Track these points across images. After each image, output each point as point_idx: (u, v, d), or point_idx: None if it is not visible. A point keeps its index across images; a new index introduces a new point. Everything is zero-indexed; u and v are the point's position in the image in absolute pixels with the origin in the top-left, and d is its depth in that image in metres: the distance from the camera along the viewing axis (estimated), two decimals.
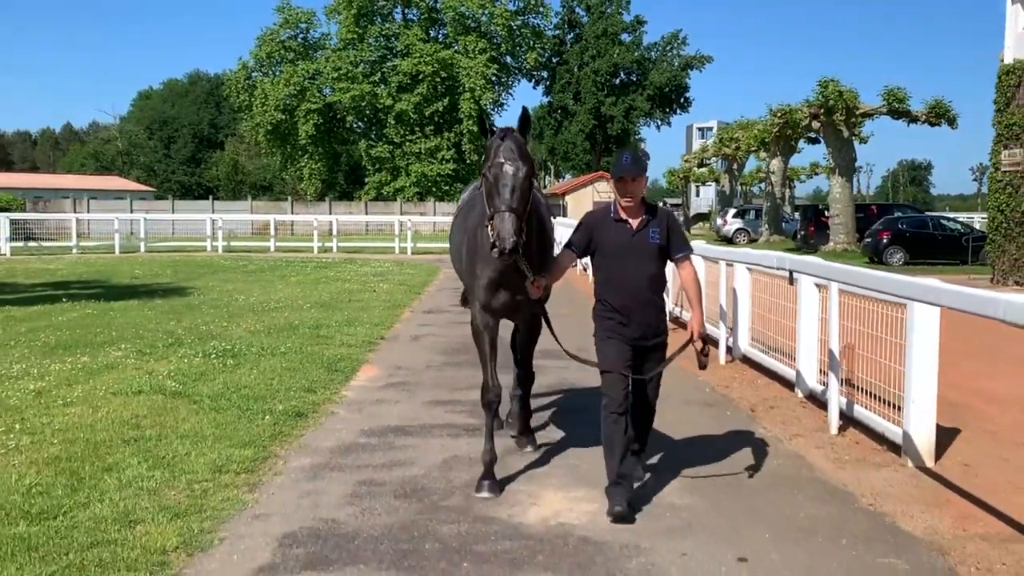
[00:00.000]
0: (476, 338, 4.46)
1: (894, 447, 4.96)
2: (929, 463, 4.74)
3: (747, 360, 7.67)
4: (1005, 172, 18.21)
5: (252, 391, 6.22)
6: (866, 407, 5.42)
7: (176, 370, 6.93)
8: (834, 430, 5.43)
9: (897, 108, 26.38)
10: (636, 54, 67.19)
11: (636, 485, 4.25)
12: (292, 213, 41.38)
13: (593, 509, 4.07)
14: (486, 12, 55.30)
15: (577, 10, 68.21)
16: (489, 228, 3.87)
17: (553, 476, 4.61)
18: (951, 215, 31.08)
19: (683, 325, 7.91)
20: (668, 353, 4.25)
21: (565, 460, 4.90)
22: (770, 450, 5.08)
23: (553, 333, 4.56)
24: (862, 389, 5.54)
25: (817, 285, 6.12)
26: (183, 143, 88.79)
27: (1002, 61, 18.47)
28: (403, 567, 3.37)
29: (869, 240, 24.27)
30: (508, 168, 3.86)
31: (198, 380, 6.57)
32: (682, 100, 69.87)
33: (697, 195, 71.29)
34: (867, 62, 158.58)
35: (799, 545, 3.66)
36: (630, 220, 4.09)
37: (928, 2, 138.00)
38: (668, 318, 4.24)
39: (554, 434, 5.49)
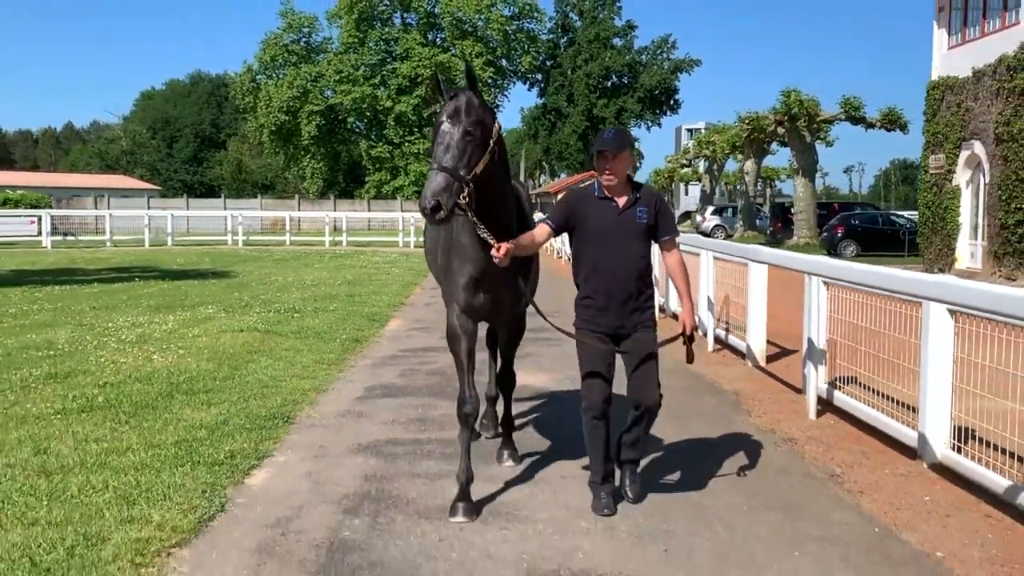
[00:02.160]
0: (451, 343, 4.06)
1: (742, 355, 7.71)
2: (761, 363, 7.49)
3: (675, 316, 10.40)
4: (932, 174, 20.99)
5: (319, 330, 8.97)
6: (734, 336, 8.17)
7: (259, 320, 9.66)
8: (711, 349, 8.20)
9: (854, 115, 29.17)
10: (627, 58, 69.37)
11: (631, 499, 3.99)
12: (299, 210, 44.02)
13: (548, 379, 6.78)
14: (482, 17, 57.80)
15: (570, 15, 70.41)
16: None
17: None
18: (902, 212, 33.84)
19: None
20: (656, 339, 4.00)
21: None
22: (664, 360, 7.81)
23: (536, 308, 4.04)
24: (733, 325, 8.28)
25: (716, 258, 8.85)
26: (185, 142, 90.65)
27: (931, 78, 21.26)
28: (436, 396, 6.13)
29: (826, 234, 27.08)
30: (444, 126, 3.49)
31: (278, 324, 9.32)
32: (672, 102, 72.09)
33: (686, 193, 74.10)
34: (859, 62, 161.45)
35: (665, 397, 6.37)
36: (616, 199, 3.83)
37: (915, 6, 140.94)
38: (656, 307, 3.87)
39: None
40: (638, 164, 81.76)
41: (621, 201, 3.85)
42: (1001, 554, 3.49)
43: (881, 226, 26.90)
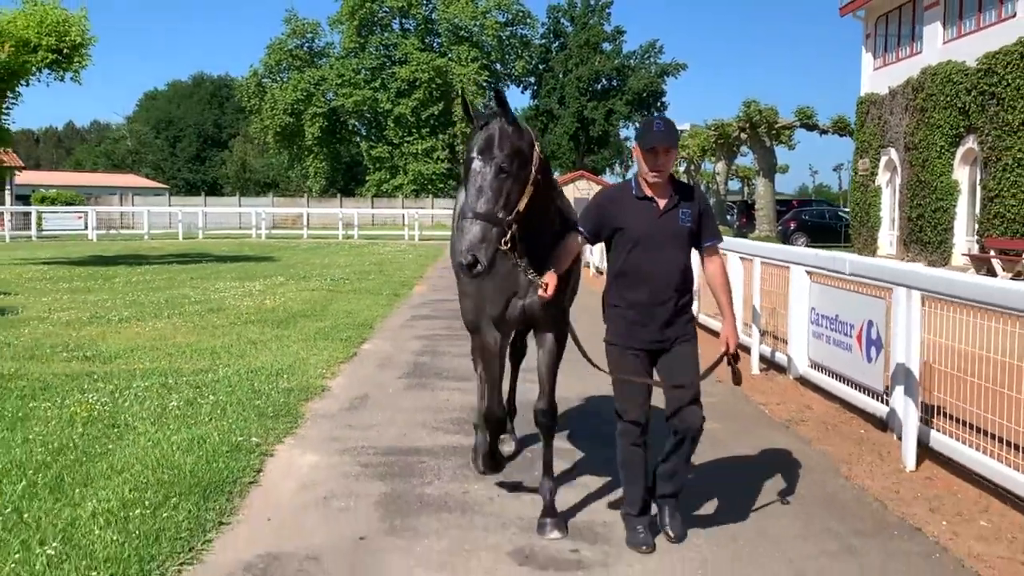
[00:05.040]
0: (482, 355, 3.78)
1: None
2: None
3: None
4: (860, 176, 24.81)
5: (368, 289, 12.74)
6: None
7: (321, 284, 13.39)
8: None
9: (807, 122, 32.99)
10: (616, 62, 72.44)
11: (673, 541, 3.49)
12: (308, 207, 47.58)
13: None
14: (478, 23, 61.19)
15: (562, 21, 73.53)
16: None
17: None
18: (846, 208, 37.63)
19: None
20: (698, 355, 3.51)
21: None
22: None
23: (577, 342, 3.68)
24: None
25: None
26: (188, 142, 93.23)
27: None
28: (456, 319, 9.86)
29: (781, 228, 30.93)
30: (475, 164, 3.13)
31: (337, 287, 13.05)
32: (659, 104, 75.19)
33: None
34: (842, 60, 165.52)
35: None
36: (657, 199, 3.39)
37: None
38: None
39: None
40: (631, 163, 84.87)
41: (663, 201, 3.41)
42: (796, 406, 6.49)
43: (828, 220, 30.78)
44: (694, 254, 3.58)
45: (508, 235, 3.15)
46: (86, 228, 31.53)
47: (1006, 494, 4.02)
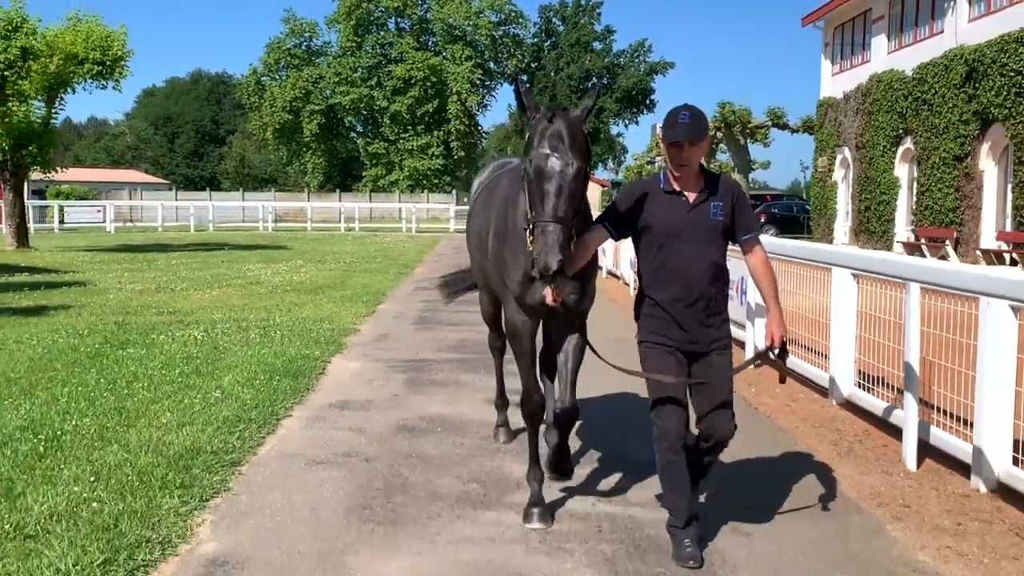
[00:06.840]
0: (513, 340, 3.67)
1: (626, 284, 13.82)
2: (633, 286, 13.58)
3: (610, 273, 16.39)
4: (819, 172, 27.18)
5: (378, 269, 15.06)
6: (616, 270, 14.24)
7: (335, 266, 15.67)
8: (604, 275, 14.32)
9: (778, 122, 35.32)
10: (606, 60, 74.22)
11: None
12: (309, 202, 49.67)
13: None
14: (471, 23, 63.02)
15: (553, 20, 75.31)
16: (529, 238, 3.12)
17: None
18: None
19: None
20: (733, 363, 3.40)
21: None
22: None
23: (588, 344, 3.70)
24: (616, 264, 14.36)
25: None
26: (186, 138, 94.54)
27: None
28: None
29: None
30: (555, 163, 2.99)
31: (350, 267, 15.35)
32: (648, 102, 77.14)
33: None
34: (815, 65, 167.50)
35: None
36: (686, 192, 3.28)
37: None
38: (729, 321, 3.55)
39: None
40: (623, 159, 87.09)
41: (692, 195, 3.29)
42: None
43: (795, 213, 33.24)
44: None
45: (572, 236, 3.11)
46: (104, 221, 33.64)
47: (804, 378, 6.37)
